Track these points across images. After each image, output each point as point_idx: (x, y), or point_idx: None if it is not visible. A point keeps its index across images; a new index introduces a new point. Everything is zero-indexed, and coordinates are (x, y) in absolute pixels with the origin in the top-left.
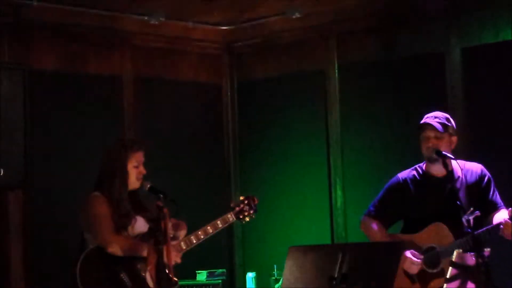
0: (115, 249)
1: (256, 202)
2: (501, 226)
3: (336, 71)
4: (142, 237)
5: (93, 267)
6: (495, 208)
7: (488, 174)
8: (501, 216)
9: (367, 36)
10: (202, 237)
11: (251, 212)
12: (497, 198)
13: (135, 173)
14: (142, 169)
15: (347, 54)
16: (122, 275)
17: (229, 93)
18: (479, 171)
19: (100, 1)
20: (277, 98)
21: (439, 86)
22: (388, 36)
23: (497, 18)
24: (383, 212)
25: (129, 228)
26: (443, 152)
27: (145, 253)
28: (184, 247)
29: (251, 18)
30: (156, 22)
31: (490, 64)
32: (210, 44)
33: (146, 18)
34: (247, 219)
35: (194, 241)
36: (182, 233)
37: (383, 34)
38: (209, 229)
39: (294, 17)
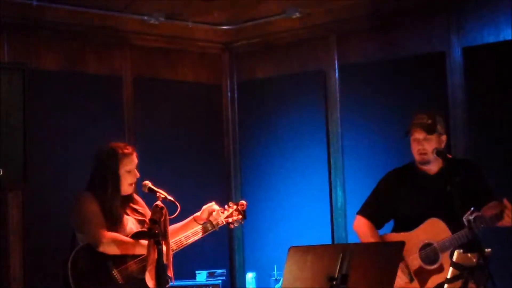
0: (106, 247)
1: (244, 208)
2: (505, 210)
3: (337, 71)
4: (133, 236)
5: (84, 264)
6: (487, 200)
7: (477, 168)
8: (494, 207)
9: (367, 35)
10: (192, 238)
11: (240, 217)
12: (488, 190)
13: (128, 177)
14: (135, 173)
15: (347, 54)
16: (113, 272)
17: (229, 93)
18: (469, 166)
19: (100, 1)
20: (277, 98)
21: (440, 86)
22: (388, 35)
23: (498, 17)
24: (376, 210)
25: (120, 229)
26: (442, 152)
27: (136, 252)
28: (174, 248)
29: (251, 18)
30: (156, 22)
31: (491, 63)
32: (210, 44)
33: (146, 18)
34: (236, 224)
35: (184, 242)
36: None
37: (384, 33)
38: (199, 231)
39: (294, 17)
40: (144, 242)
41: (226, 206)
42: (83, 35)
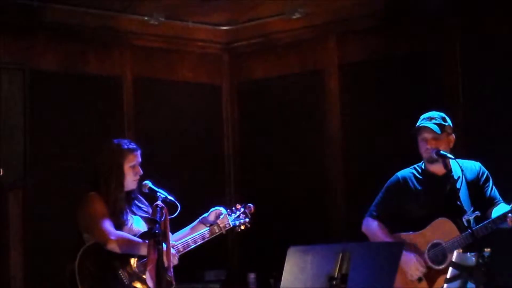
0: (114, 245)
1: (252, 210)
2: (510, 214)
3: (336, 71)
4: (140, 236)
5: (91, 263)
6: (494, 203)
7: (486, 171)
8: (499, 209)
9: (367, 35)
10: (199, 241)
11: (247, 220)
12: (496, 193)
13: (131, 173)
14: (138, 169)
15: (347, 54)
16: (120, 272)
17: (229, 94)
18: (477, 169)
19: (100, 1)
20: (277, 98)
21: (439, 85)
22: (387, 35)
23: (497, 17)
24: (384, 212)
25: (126, 227)
26: (442, 152)
27: (143, 252)
28: (181, 249)
29: (251, 18)
30: (156, 22)
31: (489, 63)
32: (210, 44)
33: (146, 18)
34: (243, 227)
35: (192, 245)
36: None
37: (383, 33)
38: (207, 234)
39: (294, 17)
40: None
41: (233, 208)
42: (84, 36)
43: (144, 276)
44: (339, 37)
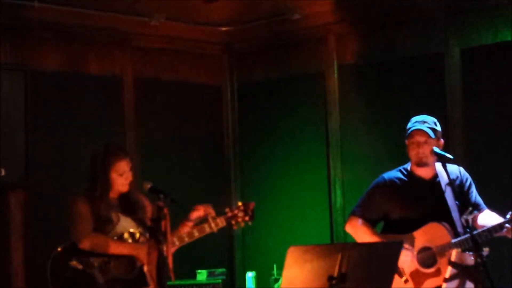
0: (87, 245)
1: (251, 208)
2: (507, 224)
3: (336, 72)
4: (122, 236)
5: (64, 261)
6: (478, 209)
7: (469, 176)
8: (487, 216)
9: (366, 37)
10: (186, 240)
11: (246, 218)
12: (479, 199)
13: (119, 180)
14: (127, 176)
15: (346, 55)
16: (93, 271)
17: (229, 94)
18: (462, 174)
19: (101, 2)
20: (276, 99)
21: (438, 87)
22: (387, 37)
23: (496, 18)
24: (369, 211)
25: (110, 227)
26: (441, 152)
27: (120, 252)
28: (177, 243)
29: (251, 19)
30: (157, 23)
31: (489, 64)
32: (210, 45)
33: (146, 19)
34: (242, 225)
35: (186, 239)
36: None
37: (383, 35)
38: (195, 232)
39: (293, 18)
40: (130, 243)
41: (232, 206)
42: (85, 36)
43: (120, 276)
44: (339, 38)
